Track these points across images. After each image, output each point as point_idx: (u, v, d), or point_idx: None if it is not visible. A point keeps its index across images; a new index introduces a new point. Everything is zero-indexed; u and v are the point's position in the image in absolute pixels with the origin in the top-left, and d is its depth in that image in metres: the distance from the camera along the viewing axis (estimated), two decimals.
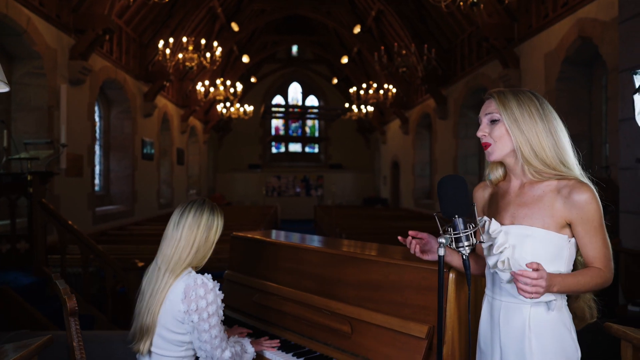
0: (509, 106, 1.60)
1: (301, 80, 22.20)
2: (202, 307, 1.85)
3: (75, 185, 7.90)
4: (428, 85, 11.72)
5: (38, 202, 4.85)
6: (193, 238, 1.95)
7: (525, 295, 1.40)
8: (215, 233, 2.02)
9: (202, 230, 1.96)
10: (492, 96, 1.65)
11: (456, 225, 1.52)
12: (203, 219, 1.97)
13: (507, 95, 1.63)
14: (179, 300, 1.86)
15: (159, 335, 1.90)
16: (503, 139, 1.61)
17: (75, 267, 5.46)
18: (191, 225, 1.96)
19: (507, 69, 8.34)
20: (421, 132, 14.40)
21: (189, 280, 1.89)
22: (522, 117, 1.59)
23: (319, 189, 21.70)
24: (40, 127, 6.99)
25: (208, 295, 1.87)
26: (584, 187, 1.53)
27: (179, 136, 14.60)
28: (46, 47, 6.99)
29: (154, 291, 1.90)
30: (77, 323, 1.58)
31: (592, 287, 1.52)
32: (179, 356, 1.92)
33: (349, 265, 2.22)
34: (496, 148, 1.62)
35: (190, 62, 9.69)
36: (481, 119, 1.67)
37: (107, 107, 10.37)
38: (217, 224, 2.02)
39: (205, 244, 1.98)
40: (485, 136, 1.64)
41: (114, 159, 10.52)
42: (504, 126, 1.60)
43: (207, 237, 1.98)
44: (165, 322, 1.88)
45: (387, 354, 1.92)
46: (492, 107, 1.64)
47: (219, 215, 2.04)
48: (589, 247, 1.53)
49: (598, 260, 1.53)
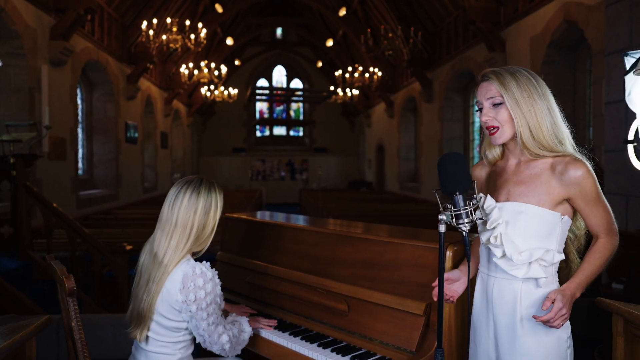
0: (510, 88, 1.60)
1: (286, 63, 22.01)
2: (200, 297, 1.79)
3: (58, 168, 7.77)
4: (413, 68, 11.72)
5: (22, 185, 4.77)
6: (190, 224, 1.84)
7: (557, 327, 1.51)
8: (215, 215, 1.91)
9: (200, 215, 1.85)
10: (491, 78, 1.63)
11: (456, 202, 1.53)
12: (200, 202, 1.86)
13: (506, 76, 1.61)
14: (177, 289, 1.79)
15: (155, 321, 1.86)
16: (509, 122, 1.61)
17: (61, 251, 5.39)
18: (187, 209, 1.84)
19: (493, 53, 8.37)
20: (406, 116, 14.43)
21: (187, 269, 1.81)
22: (522, 98, 1.59)
23: (304, 173, 21.68)
24: (21, 108, 6.84)
25: (207, 285, 1.81)
26: (578, 163, 1.56)
27: (162, 119, 14.42)
28: (26, 27, 6.80)
29: (151, 279, 1.83)
30: (75, 303, 1.57)
31: (605, 263, 1.58)
32: (176, 341, 1.89)
33: (345, 244, 2.23)
34: (504, 131, 1.62)
35: (174, 44, 9.53)
36: (482, 103, 1.65)
37: (89, 90, 10.17)
38: (215, 205, 1.90)
39: (204, 229, 1.88)
40: (491, 119, 1.62)
41: (97, 142, 10.36)
42: (507, 109, 1.60)
43: (206, 221, 1.87)
44: (162, 309, 1.84)
45: (384, 330, 1.94)
46: (492, 89, 1.62)
47: (218, 195, 1.92)
48: (591, 218, 1.59)
49: (601, 227, 1.58)
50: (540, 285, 1.58)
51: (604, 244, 1.58)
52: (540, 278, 1.57)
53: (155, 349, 1.89)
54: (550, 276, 1.60)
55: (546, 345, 1.56)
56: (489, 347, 1.66)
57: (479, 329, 1.71)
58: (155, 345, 1.89)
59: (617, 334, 1.71)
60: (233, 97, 15.38)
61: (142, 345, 1.91)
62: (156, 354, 1.89)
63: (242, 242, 2.83)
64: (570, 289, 1.53)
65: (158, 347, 1.88)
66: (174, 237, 1.83)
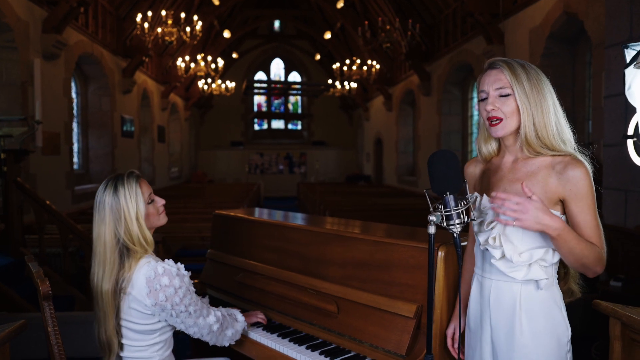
0: (521, 80, 1.52)
1: (283, 56, 21.87)
2: (171, 295, 1.73)
3: (52, 163, 7.69)
4: (412, 61, 11.62)
5: (13, 181, 4.69)
6: (110, 240, 1.73)
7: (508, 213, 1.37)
8: (130, 213, 1.74)
9: (112, 227, 1.73)
10: (502, 66, 1.55)
11: (447, 203, 1.46)
12: (106, 213, 1.74)
13: (517, 67, 1.54)
14: (143, 295, 1.72)
15: (127, 328, 1.80)
16: (514, 115, 1.53)
17: (54, 247, 5.34)
18: (99, 226, 1.75)
19: (491, 45, 8.28)
20: (404, 109, 14.34)
21: (148, 272, 1.73)
22: (532, 92, 1.52)
23: (302, 166, 21.61)
24: (13, 103, 6.74)
25: (174, 281, 1.75)
26: (578, 163, 1.49)
27: (159, 113, 14.32)
28: (17, 19, 6.70)
29: (102, 313, 1.76)
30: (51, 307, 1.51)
31: (589, 255, 1.44)
32: (152, 343, 1.84)
33: (335, 243, 2.17)
34: (507, 124, 1.54)
35: (169, 37, 9.41)
36: (488, 92, 1.56)
37: (84, 83, 10.07)
38: (124, 202, 1.74)
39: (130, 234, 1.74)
40: (496, 110, 1.54)
41: (93, 136, 10.27)
42: (515, 102, 1.53)
43: (126, 226, 1.73)
44: (130, 317, 1.78)
45: (374, 333, 1.89)
46: (502, 79, 1.53)
47: (124, 190, 1.74)
48: (582, 225, 1.48)
49: (592, 238, 1.48)
50: (540, 287, 1.51)
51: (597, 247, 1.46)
52: (541, 280, 1.50)
53: (132, 354, 1.83)
54: (550, 277, 1.53)
55: (545, 350, 1.49)
56: (486, 351, 1.59)
57: (475, 333, 1.65)
58: (131, 351, 1.83)
59: (614, 337, 1.65)
60: (230, 91, 15.27)
61: (120, 352, 1.85)
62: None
63: (232, 240, 2.77)
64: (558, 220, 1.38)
65: (134, 352, 1.83)
66: (105, 266, 1.75)
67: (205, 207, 9.32)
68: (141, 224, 1.76)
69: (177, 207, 9.44)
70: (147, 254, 1.79)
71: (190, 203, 10.15)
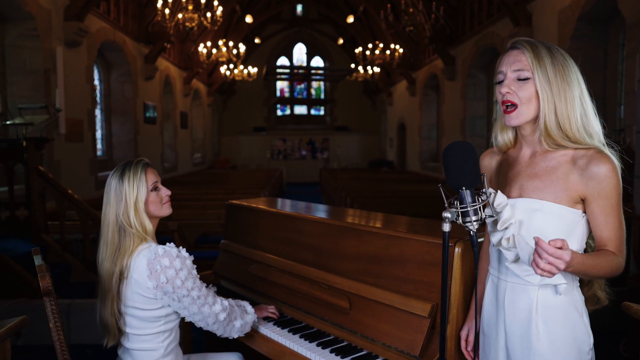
0: (544, 63, 1.38)
1: (306, 40, 21.68)
2: (172, 276, 1.72)
3: (75, 150, 7.78)
4: (436, 45, 11.35)
5: (34, 168, 4.74)
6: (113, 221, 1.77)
7: (537, 270, 1.19)
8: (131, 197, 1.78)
9: (114, 209, 1.78)
10: (524, 47, 1.41)
11: (463, 198, 1.36)
12: (111, 196, 1.79)
13: (541, 50, 1.39)
14: (145, 277, 1.72)
15: (131, 315, 1.79)
16: (531, 102, 1.40)
17: (76, 233, 5.40)
18: (105, 208, 1.80)
19: (518, 27, 7.99)
20: (428, 94, 14.07)
21: (149, 254, 1.74)
22: (555, 78, 1.38)
23: (325, 152, 21.52)
24: (37, 91, 6.81)
25: (174, 262, 1.73)
26: (603, 159, 1.35)
27: (182, 99, 14.38)
28: (39, 8, 6.73)
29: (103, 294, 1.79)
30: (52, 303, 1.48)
31: (606, 272, 1.34)
32: (157, 332, 1.81)
33: (348, 236, 2.09)
34: (522, 112, 1.41)
35: (190, 23, 9.36)
36: (505, 73, 1.43)
37: (106, 70, 10.14)
38: (128, 187, 1.78)
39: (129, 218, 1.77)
40: (511, 94, 1.41)
41: (116, 123, 10.36)
42: (534, 87, 1.39)
43: (125, 209, 1.77)
44: (134, 301, 1.76)
45: (387, 332, 1.81)
46: (523, 61, 1.39)
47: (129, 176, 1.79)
48: (603, 227, 1.36)
49: (612, 242, 1.35)
50: (559, 292, 1.39)
51: (613, 256, 1.34)
52: (560, 284, 1.38)
53: (138, 345, 1.81)
54: (569, 282, 1.41)
55: (565, 358, 1.39)
56: (500, 357, 1.49)
57: (489, 337, 1.55)
58: (136, 341, 1.81)
59: None
60: (253, 76, 15.21)
61: (125, 343, 1.84)
62: (140, 352, 1.81)
63: (244, 231, 2.72)
64: (574, 256, 1.21)
65: (140, 343, 1.81)
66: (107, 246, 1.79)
67: (226, 194, 9.33)
68: (139, 209, 1.79)
69: (199, 193, 9.48)
70: (146, 240, 1.80)
71: (212, 189, 10.18)
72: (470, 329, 1.65)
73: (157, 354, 1.83)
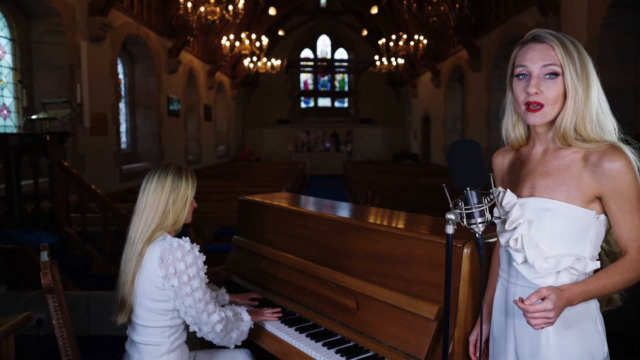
0: (573, 60, 1.30)
1: (330, 32, 21.55)
2: (180, 270, 1.75)
3: (100, 143, 7.91)
4: (460, 35, 11.11)
5: (57, 162, 4.83)
6: (157, 202, 1.84)
7: (534, 326, 1.20)
8: (184, 194, 1.89)
9: (166, 193, 1.85)
10: (551, 40, 1.31)
11: (468, 199, 1.30)
12: (167, 182, 1.87)
13: (568, 44, 1.31)
14: (156, 265, 1.76)
15: (141, 305, 1.81)
16: (557, 103, 1.32)
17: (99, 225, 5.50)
18: (155, 189, 1.86)
19: (546, 16, 7.74)
20: (453, 85, 13.83)
21: (164, 244, 1.79)
22: (582, 76, 1.30)
23: (349, 144, 21.44)
24: (62, 86, 6.94)
25: (186, 257, 1.77)
26: (617, 154, 1.27)
27: (205, 92, 14.47)
28: (64, 4, 6.84)
29: (126, 261, 1.83)
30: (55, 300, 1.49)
31: (623, 285, 1.28)
32: (164, 325, 1.83)
33: (357, 234, 2.05)
34: (547, 112, 1.32)
35: (212, 16, 9.39)
36: (530, 70, 1.33)
37: (131, 64, 10.26)
38: (185, 184, 1.89)
39: (173, 207, 1.86)
40: (539, 95, 1.31)
41: (140, 116, 10.49)
42: (562, 85, 1.31)
43: (175, 200, 1.86)
44: (144, 290, 1.79)
45: (393, 334, 1.77)
46: (552, 55, 1.30)
47: (187, 178, 1.91)
48: (622, 226, 1.29)
49: (633, 242, 1.29)
50: None
51: (632, 262, 1.28)
52: None
53: (145, 339, 1.83)
54: None
55: None
56: None
57: (499, 343, 1.49)
58: (144, 334, 1.83)
59: None
60: (276, 69, 15.21)
61: (133, 336, 1.87)
62: (146, 346, 1.83)
63: (255, 227, 2.70)
64: (570, 292, 1.22)
65: (147, 337, 1.82)
66: (143, 216, 1.85)
67: (248, 187, 9.36)
68: (186, 206, 1.90)
69: (221, 186, 9.55)
70: (165, 232, 1.85)
71: (235, 182, 10.24)
72: (479, 334, 1.59)
73: (162, 349, 1.84)
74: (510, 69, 1.42)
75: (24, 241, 4.62)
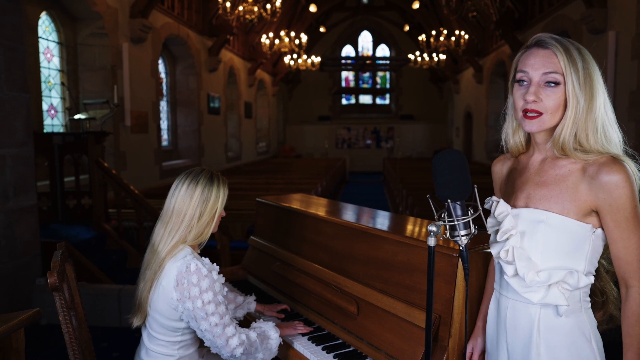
0: (577, 68, 1.24)
1: (371, 28, 21.41)
2: (195, 295, 1.68)
3: (141, 141, 8.20)
4: (502, 30, 10.79)
5: (94, 160, 5.05)
6: (183, 213, 1.75)
7: None
8: (213, 208, 1.79)
9: (194, 204, 1.76)
10: (553, 46, 1.26)
11: (452, 211, 1.29)
12: (196, 192, 1.77)
13: (573, 51, 1.25)
14: (171, 287, 1.71)
15: (153, 318, 1.80)
16: (557, 112, 1.27)
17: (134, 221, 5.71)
18: (184, 198, 1.77)
19: (591, 9, 7.41)
20: (495, 81, 13.46)
21: (182, 266, 1.71)
22: (585, 86, 1.25)
23: (390, 141, 21.27)
24: (105, 86, 7.23)
25: (202, 282, 1.69)
26: (615, 166, 1.22)
27: (246, 90, 14.70)
28: (107, 7, 7.11)
29: (148, 267, 1.79)
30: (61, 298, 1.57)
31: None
32: (174, 341, 1.82)
33: (360, 239, 2.06)
34: (545, 120, 1.28)
35: (250, 15, 9.53)
36: (531, 76, 1.28)
37: (172, 64, 10.55)
38: (215, 196, 1.79)
39: (200, 219, 1.77)
40: (537, 102, 1.27)
41: (181, 114, 10.78)
42: (563, 94, 1.26)
43: (202, 212, 1.77)
44: (157, 306, 1.76)
45: (390, 341, 1.77)
46: (555, 62, 1.25)
47: (219, 187, 1.81)
48: (619, 245, 1.23)
49: (631, 265, 1.22)
50: (560, 313, 1.28)
51: (637, 302, 1.21)
52: (561, 305, 1.27)
53: (155, 348, 1.84)
54: (574, 303, 1.29)
55: None
56: None
57: (491, 356, 1.47)
58: (154, 343, 1.84)
59: None
60: (316, 65, 15.26)
61: (144, 338, 1.89)
62: (155, 353, 1.84)
63: (272, 229, 2.75)
64: None
65: (157, 346, 1.83)
66: (168, 225, 1.78)
67: (285, 184, 9.45)
68: (212, 222, 1.81)
69: (259, 183, 9.69)
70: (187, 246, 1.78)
71: (273, 179, 10.36)
72: (475, 347, 1.57)
73: (171, 359, 1.84)
74: (512, 73, 1.39)
75: (65, 235, 4.86)
